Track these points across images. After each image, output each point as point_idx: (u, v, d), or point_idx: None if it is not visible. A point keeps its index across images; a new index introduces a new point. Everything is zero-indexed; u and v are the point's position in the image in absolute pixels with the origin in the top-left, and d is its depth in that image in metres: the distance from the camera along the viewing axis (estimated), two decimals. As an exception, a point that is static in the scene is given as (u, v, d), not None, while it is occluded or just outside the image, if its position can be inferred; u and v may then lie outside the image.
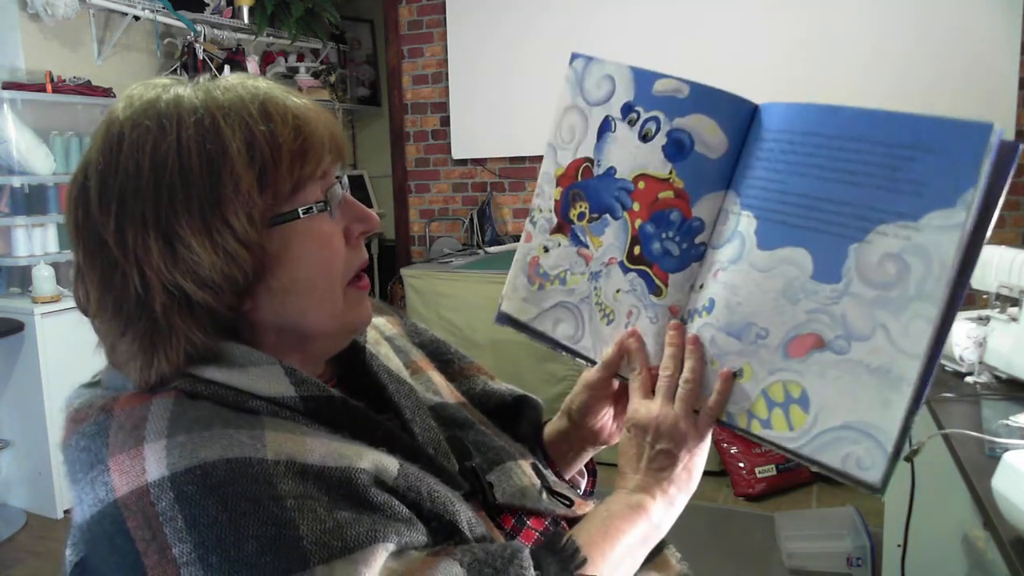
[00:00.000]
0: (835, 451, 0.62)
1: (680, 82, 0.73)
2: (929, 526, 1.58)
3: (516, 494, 0.74)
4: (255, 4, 3.79)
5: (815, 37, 3.31)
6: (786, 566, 2.27)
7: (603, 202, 0.78)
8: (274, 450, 0.57)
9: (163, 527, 0.53)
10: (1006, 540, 0.88)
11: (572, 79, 0.82)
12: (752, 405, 0.68)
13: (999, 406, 1.26)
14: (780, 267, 0.66)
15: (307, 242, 0.65)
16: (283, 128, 0.62)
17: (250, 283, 0.63)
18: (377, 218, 0.71)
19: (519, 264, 0.85)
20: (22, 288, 2.94)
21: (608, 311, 0.79)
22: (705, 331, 0.71)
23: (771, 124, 0.69)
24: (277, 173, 0.62)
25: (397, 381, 0.77)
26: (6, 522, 2.76)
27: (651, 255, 0.75)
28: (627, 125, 0.76)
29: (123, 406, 0.61)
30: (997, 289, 1.37)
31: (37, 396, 2.73)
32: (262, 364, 0.63)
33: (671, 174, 0.73)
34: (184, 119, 0.61)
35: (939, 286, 0.57)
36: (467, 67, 4.00)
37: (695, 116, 0.72)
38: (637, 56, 2.80)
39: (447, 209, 4.22)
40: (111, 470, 0.56)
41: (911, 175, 0.59)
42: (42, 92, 2.88)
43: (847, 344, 0.62)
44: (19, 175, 2.82)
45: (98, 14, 3.25)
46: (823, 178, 0.64)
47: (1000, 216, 2.78)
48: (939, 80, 3.15)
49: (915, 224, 0.59)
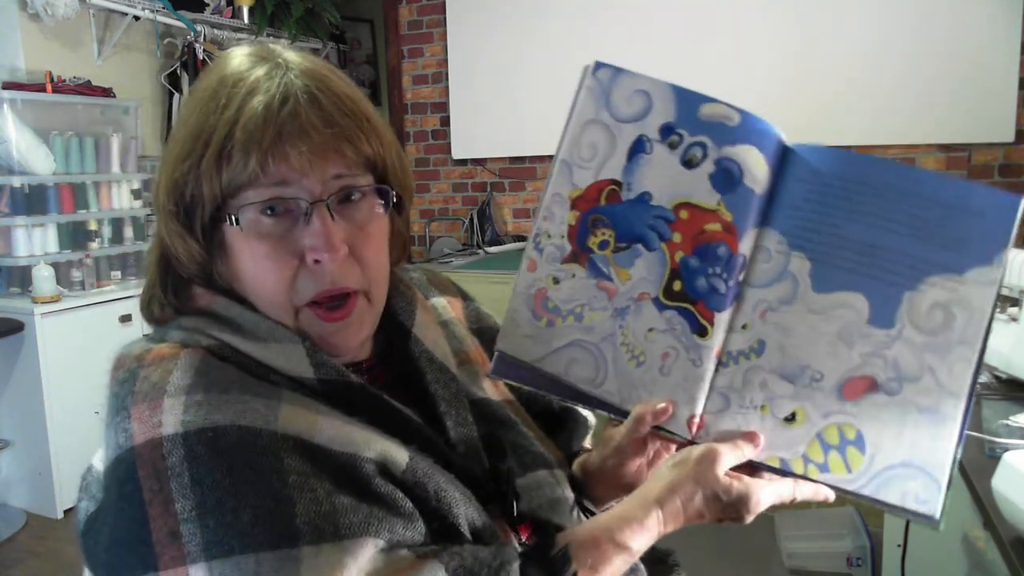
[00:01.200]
0: (894, 489, 0.65)
1: (730, 108, 0.70)
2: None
3: (544, 505, 0.71)
4: (255, 4, 3.79)
5: (815, 37, 3.31)
6: (786, 566, 2.27)
7: (634, 231, 0.72)
8: (284, 424, 0.58)
9: (170, 481, 0.55)
10: (1006, 540, 0.88)
11: (596, 90, 0.74)
12: (807, 449, 0.67)
13: (999, 406, 1.26)
14: (837, 310, 0.67)
15: (239, 249, 0.67)
16: (224, 115, 0.64)
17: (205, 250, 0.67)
18: (335, 252, 0.65)
19: (521, 297, 0.74)
20: (22, 288, 2.94)
21: (638, 352, 0.71)
22: (755, 375, 0.68)
23: (820, 167, 0.68)
24: (217, 162, 0.64)
25: (439, 370, 0.74)
26: (6, 522, 2.76)
27: (696, 292, 0.69)
28: (667, 148, 0.71)
29: (154, 357, 0.63)
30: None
31: (37, 396, 2.73)
32: (284, 341, 0.65)
33: (719, 205, 0.69)
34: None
35: (978, 332, 0.63)
36: (467, 67, 4.00)
37: (744, 146, 0.69)
38: (637, 56, 2.85)
39: (447, 209, 4.22)
40: (132, 418, 0.59)
41: (958, 233, 0.64)
42: (42, 92, 2.88)
43: (899, 386, 0.65)
44: (19, 175, 2.82)
45: (98, 14, 3.25)
46: (879, 227, 0.66)
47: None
48: (939, 80, 3.15)
49: (960, 278, 0.64)
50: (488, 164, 4.08)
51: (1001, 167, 3.18)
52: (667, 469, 0.66)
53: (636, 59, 2.62)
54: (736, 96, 0.76)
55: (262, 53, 0.68)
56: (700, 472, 0.64)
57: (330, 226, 0.64)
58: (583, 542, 0.64)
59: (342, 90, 0.68)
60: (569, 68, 3.12)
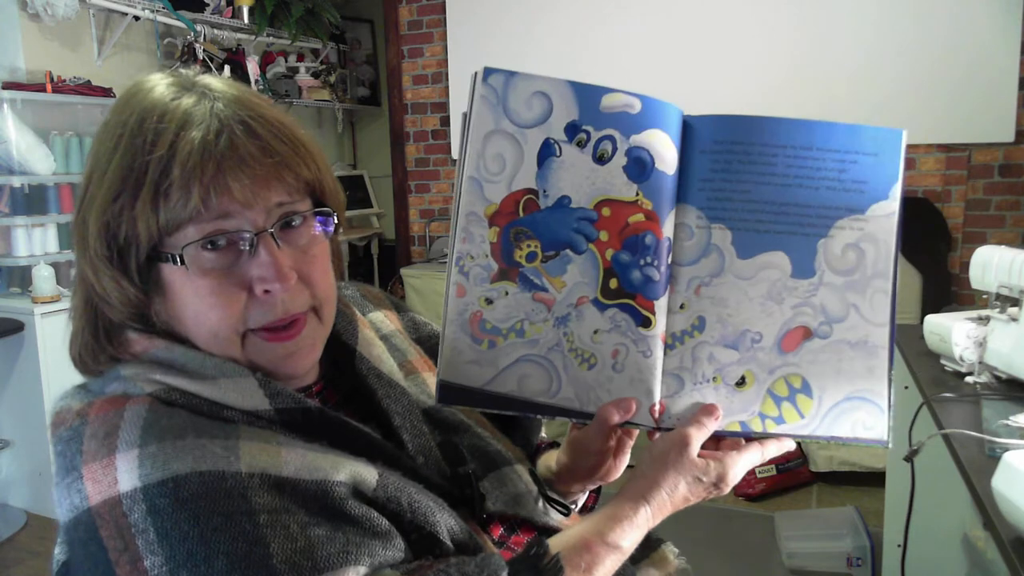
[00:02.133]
0: (844, 423, 0.71)
1: (629, 96, 0.69)
2: (929, 526, 1.58)
3: (509, 501, 0.73)
4: (255, 4, 3.79)
5: (814, 37, 3.31)
6: (786, 566, 2.27)
7: (559, 237, 0.70)
8: (248, 462, 0.57)
9: (135, 539, 0.53)
10: (1006, 540, 0.88)
11: (491, 99, 0.70)
12: (761, 407, 0.72)
13: (999, 406, 1.26)
14: (762, 272, 0.71)
15: (180, 286, 0.63)
16: (156, 153, 0.60)
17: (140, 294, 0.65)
18: (286, 281, 0.64)
19: (455, 324, 0.71)
20: (22, 288, 2.94)
21: (587, 355, 0.71)
22: (701, 350, 0.70)
23: (718, 135, 0.69)
24: (147, 204, 0.61)
25: (388, 385, 0.75)
26: (6, 522, 2.76)
27: (631, 286, 0.70)
28: (576, 147, 0.70)
29: (97, 411, 0.60)
30: (997, 289, 1.37)
31: (37, 396, 2.73)
32: (234, 376, 0.63)
33: (639, 195, 0.69)
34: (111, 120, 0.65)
35: (888, 263, 0.71)
36: (467, 67, 3.99)
37: (650, 131, 0.69)
38: (637, 56, 2.82)
39: (447, 209, 4.22)
40: (84, 478, 0.57)
41: (855, 175, 0.70)
42: (42, 92, 2.88)
43: (829, 328, 0.71)
44: (19, 175, 2.82)
45: (98, 14, 3.25)
46: (785, 185, 0.70)
47: (1000, 216, 2.78)
48: (939, 80, 3.15)
49: (864, 216, 0.70)
50: (488, 164, 4.08)
51: (1001, 167, 3.18)
52: (646, 466, 0.69)
53: (636, 60, 2.65)
54: (736, 96, 0.76)
55: (183, 82, 0.65)
56: (677, 461, 0.67)
57: (277, 255, 0.63)
58: (575, 547, 0.65)
59: (275, 116, 0.65)
60: (569, 68, 3.15)
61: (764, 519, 2.52)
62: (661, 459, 0.67)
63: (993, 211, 3.21)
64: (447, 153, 4.16)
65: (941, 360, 1.48)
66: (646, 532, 0.67)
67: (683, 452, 0.67)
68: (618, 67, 3.61)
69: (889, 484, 1.87)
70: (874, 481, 2.53)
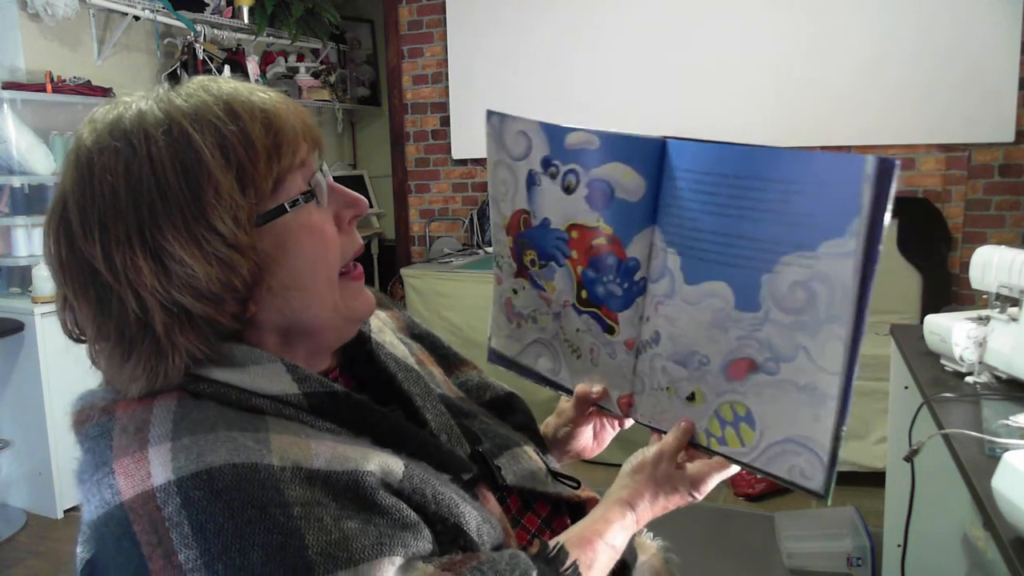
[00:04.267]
0: (782, 463, 0.68)
1: (589, 134, 0.76)
2: (929, 526, 1.58)
3: (527, 476, 0.77)
4: (255, 4, 3.79)
5: (814, 38, 3.31)
6: (786, 566, 2.27)
7: (546, 251, 0.82)
8: (280, 455, 0.57)
9: (169, 532, 0.53)
10: (1006, 540, 0.88)
11: (492, 135, 0.83)
12: (708, 424, 0.73)
13: (999, 406, 1.26)
14: (706, 300, 0.71)
15: (299, 235, 0.64)
16: (253, 125, 0.61)
17: (250, 287, 0.62)
18: (365, 201, 0.71)
19: (497, 304, 0.90)
20: (22, 288, 2.94)
21: (575, 347, 0.84)
22: (656, 361, 0.76)
23: (680, 163, 0.72)
24: (256, 171, 0.61)
25: (405, 369, 0.77)
26: (6, 522, 2.76)
27: (597, 298, 0.79)
28: (549, 178, 0.79)
29: (125, 408, 0.60)
30: (997, 289, 1.37)
31: (37, 396, 2.73)
32: (263, 362, 0.63)
33: (599, 221, 0.77)
34: (151, 133, 0.59)
35: (843, 308, 0.61)
36: (467, 67, 4.00)
37: (610, 165, 0.75)
38: (637, 57, 2.83)
39: (447, 209, 4.22)
40: (116, 473, 0.56)
41: (802, 208, 0.63)
42: (42, 92, 2.88)
43: (776, 365, 0.67)
44: (19, 175, 2.82)
45: (98, 14, 3.25)
46: (729, 215, 0.68)
47: (1000, 216, 2.78)
48: (939, 80, 3.15)
49: (813, 253, 0.62)
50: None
51: (1001, 167, 3.18)
52: (628, 476, 0.77)
53: (636, 60, 2.66)
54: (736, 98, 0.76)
55: (114, 106, 0.63)
56: (655, 472, 0.75)
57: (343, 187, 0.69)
58: (579, 544, 0.71)
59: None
60: (569, 68, 3.15)
61: (764, 519, 2.52)
62: (641, 470, 0.76)
63: (993, 211, 3.21)
64: (447, 153, 4.16)
65: (941, 360, 1.48)
66: (631, 533, 0.75)
67: (659, 464, 0.75)
68: (619, 66, 3.61)
69: (889, 484, 1.87)
70: (874, 481, 2.53)
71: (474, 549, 0.63)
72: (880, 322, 2.01)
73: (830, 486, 0.65)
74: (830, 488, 0.65)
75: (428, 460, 0.67)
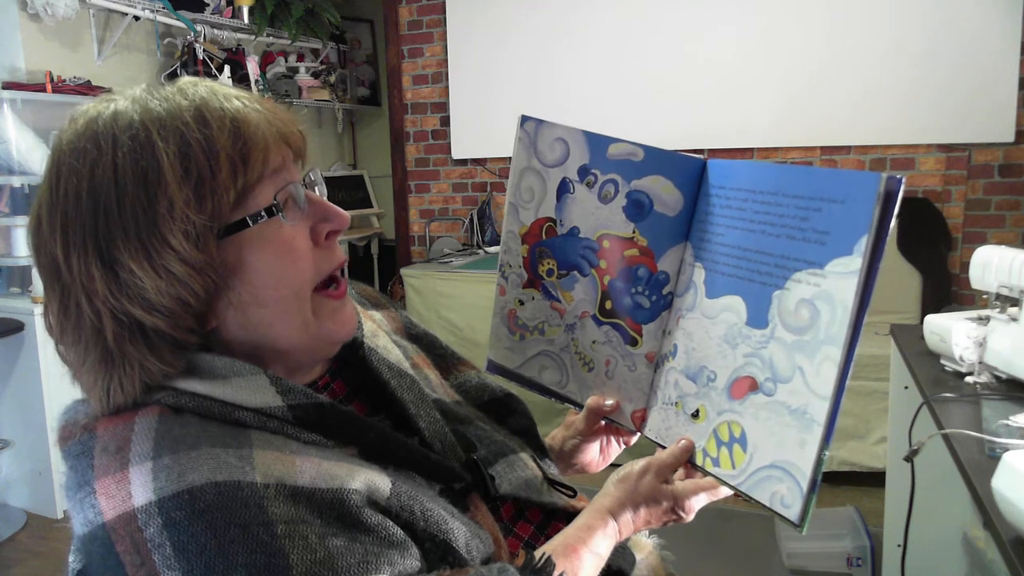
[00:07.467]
0: (765, 489, 0.68)
1: (634, 146, 0.77)
2: (929, 526, 1.58)
3: (521, 485, 0.76)
4: (255, 4, 3.79)
5: (813, 39, 3.31)
6: (786, 566, 2.27)
7: (570, 260, 0.82)
8: (263, 472, 0.56)
9: (152, 553, 0.52)
10: (1006, 540, 0.88)
11: (525, 141, 0.83)
12: (706, 443, 0.73)
13: (999, 406, 1.26)
14: (722, 314, 0.72)
15: (263, 250, 0.62)
16: (220, 133, 0.59)
17: (207, 302, 0.61)
18: (346, 216, 0.67)
19: (498, 316, 0.89)
20: (22, 288, 2.94)
21: (588, 359, 0.83)
22: (671, 375, 0.77)
23: (715, 180, 0.74)
24: (216, 182, 0.59)
25: (399, 375, 0.75)
26: (6, 522, 2.76)
27: (622, 309, 0.79)
28: (585, 187, 0.80)
29: (106, 425, 0.59)
30: (997, 289, 1.37)
31: (37, 396, 2.73)
32: (246, 374, 0.62)
33: (634, 233, 0.78)
34: (119, 137, 0.58)
35: (841, 329, 0.61)
36: (467, 67, 4.00)
37: (651, 178, 0.76)
38: (639, 58, 2.84)
39: (447, 209, 4.22)
40: (97, 493, 0.56)
41: (817, 225, 0.64)
42: (42, 92, 2.88)
43: (774, 386, 0.67)
44: (19, 175, 2.82)
45: (98, 14, 3.25)
46: (751, 230, 0.69)
47: (1000, 216, 2.77)
48: (939, 80, 3.15)
49: (822, 271, 0.63)
50: (488, 164, 4.08)
51: (1001, 167, 3.18)
52: (612, 485, 0.76)
53: (637, 61, 2.65)
54: (735, 99, 0.77)
55: (99, 103, 0.62)
56: (639, 486, 0.74)
57: (324, 199, 0.67)
58: (563, 553, 0.70)
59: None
60: (570, 68, 3.15)
61: (764, 519, 2.52)
62: (626, 482, 0.75)
63: (993, 211, 3.21)
64: (447, 153, 4.16)
65: (941, 360, 1.48)
66: (614, 542, 0.74)
67: (643, 477, 0.74)
68: (621, 67, 3.61)
69: (889, 484, 1.87)
70: (874, 481, 2.53)
71: (463, 565, 0.62)
72: (880, 322, 2.01)
73: (807, 514, 0.65)
74: (807, 517, 0.65)
75: (418, 471, 0.66)
